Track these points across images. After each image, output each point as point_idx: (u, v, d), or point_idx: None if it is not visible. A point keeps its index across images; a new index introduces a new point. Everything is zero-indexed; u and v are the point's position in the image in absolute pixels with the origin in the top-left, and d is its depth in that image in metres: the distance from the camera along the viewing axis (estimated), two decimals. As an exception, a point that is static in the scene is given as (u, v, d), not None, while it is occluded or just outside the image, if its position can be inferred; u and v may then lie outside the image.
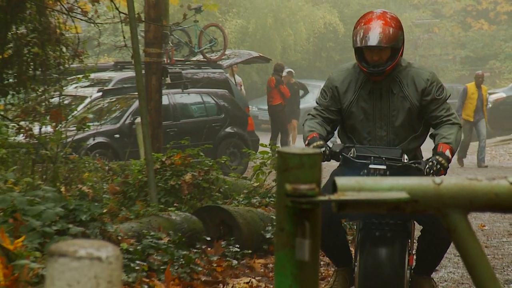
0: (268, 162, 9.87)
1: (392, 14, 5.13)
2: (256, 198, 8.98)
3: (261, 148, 12.46)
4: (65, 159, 9.21)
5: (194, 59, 16.98)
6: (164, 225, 7.10)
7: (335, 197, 2.01)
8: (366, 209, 2.06)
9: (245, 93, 20.55)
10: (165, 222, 7.19)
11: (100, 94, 14.21)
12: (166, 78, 11.79)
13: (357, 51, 5.04)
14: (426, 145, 5.24)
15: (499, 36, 39.38)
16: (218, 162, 9.90)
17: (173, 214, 7.40)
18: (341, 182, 2.04)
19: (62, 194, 7.24)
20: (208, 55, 17.09)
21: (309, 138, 5.06)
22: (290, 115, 19.82)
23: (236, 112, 15.41)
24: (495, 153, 21.85)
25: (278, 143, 18.16)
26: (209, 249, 7.04)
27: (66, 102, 11.52)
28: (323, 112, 5.19)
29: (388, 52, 4.99)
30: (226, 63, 17.30)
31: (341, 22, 34.64)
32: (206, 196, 8.82)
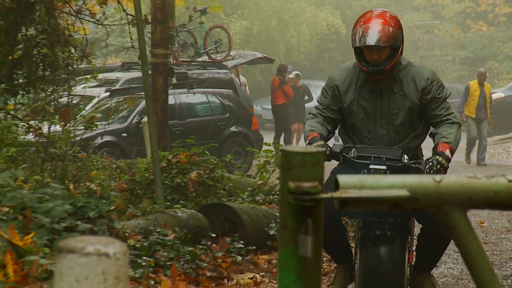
0: (271, 160, 9.87)
1: (391, 14, 5.05)
2: (260, 196, 9.00)
3: (265, 146, 12.42)
4: (73, 158, 9.18)
5: (199, 60, 16.94)
6: (170, 222, 7.08)
7: (337, 194, 2.02)
8: (368, 206, 2.06)
9: (249, 93, 20.62)
10: (171, 219, 7.17)
11: (107, 94, 14.19)
12: (172, 79, 11.68)
13: (356, 51, 4.98)
14: (426, 143, 5.23)
15: (498, 37, 39.35)
16: (223, 160, 9.87)
17: (179, 211, 7.39)
18: (343, 180, 2.04)
19: (70, 191, 7.22)
20: (213, 56, 17.06)
21: (309, 138, 5.00)
22: (295, 117, 19.83)
23: (240, 111, 15.37)
24: (494, 151, 21.77)
25: (281, 142, 18.08)
26: (214, 245, 7.05)
27: (74, 101, 11.48)
28: (324, 111, 5.14)
29: (387, 51, 4.93)
30: (231, 64, 17.26)
31: (343, 24, 34.58)
32: (211, 193, 8.82)
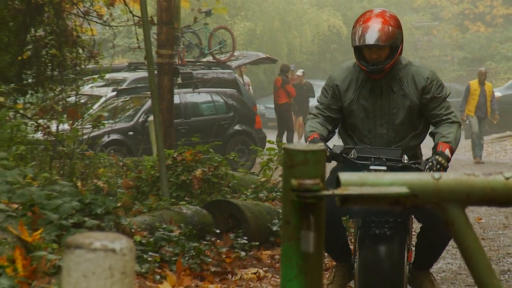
0: (274, 158, 9.87)
1: (391, 13, 5.01)
2: (263, 193, 9.03)
3: (268, 145, 12.60)
4: (81, 155, 9.25)
5: (204, 60, 17.01)
6: (175, 218, 7.12)
7: (339, 191, 2.03)
8: (368, 203, 2.07)
9: (252, 92, 20.71)
10: (176, 215, 7.21)
11: (114, 93, 14.27)
12: (177, 78, 11.69)
13: (356, 50, 4.93)
14: (426, 142, 5.24)
15: (495, 38, 39.46)
16: (227, 158, 9.92)
17: (184, 207, 7.43)
18: (344, 177, 2.06)
19: (78, 188, 7.27)
20: (217, 56, 17.15)
21: (310, 139, 4.95)
22: (299, 112, 20.40)
23: (244, 110, 15.44)
24: (491, 149, 21.87)
25: (284, 140, 18.16)
26: (218, 241, 7.07)
27: (82, 101, 11.48)
28: (324, 110, 5.11)
29: (386, 50, 4.89)
30: (234, 64, 17.33)
31: (344, 25, 34.65)
32: (216, 190, 8.88)
